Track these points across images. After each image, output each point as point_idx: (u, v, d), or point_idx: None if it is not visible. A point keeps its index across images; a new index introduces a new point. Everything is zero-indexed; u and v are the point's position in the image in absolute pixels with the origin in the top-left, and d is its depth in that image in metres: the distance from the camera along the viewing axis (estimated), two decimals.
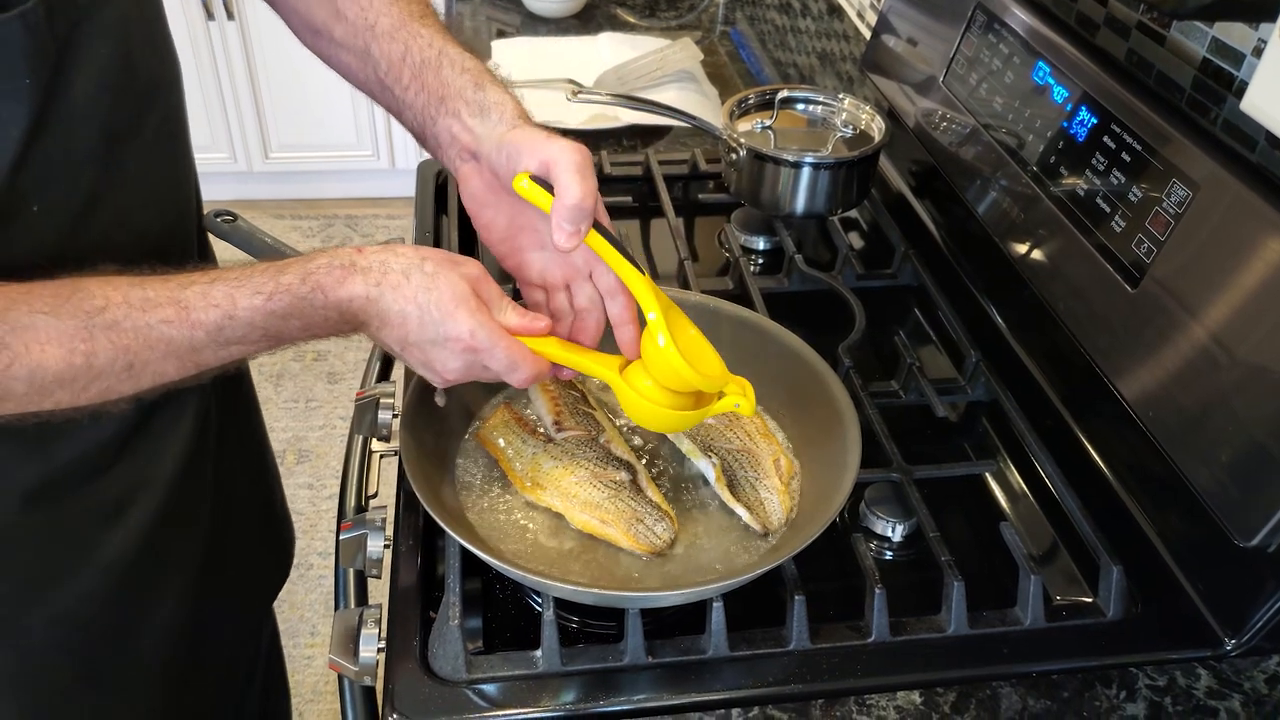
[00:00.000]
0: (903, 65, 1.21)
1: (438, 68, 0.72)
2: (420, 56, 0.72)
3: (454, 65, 0.72)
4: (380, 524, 0.78)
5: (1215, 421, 0.70)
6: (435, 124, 0.72)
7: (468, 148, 0.72)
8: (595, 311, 0.74)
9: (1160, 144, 0.78)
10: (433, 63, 0.72)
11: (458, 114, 0.71)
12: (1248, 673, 0.70)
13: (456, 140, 0.72)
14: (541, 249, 0.74)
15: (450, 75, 0.72)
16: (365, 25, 0.74)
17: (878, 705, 0.67)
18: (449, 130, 0.72)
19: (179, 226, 0.79)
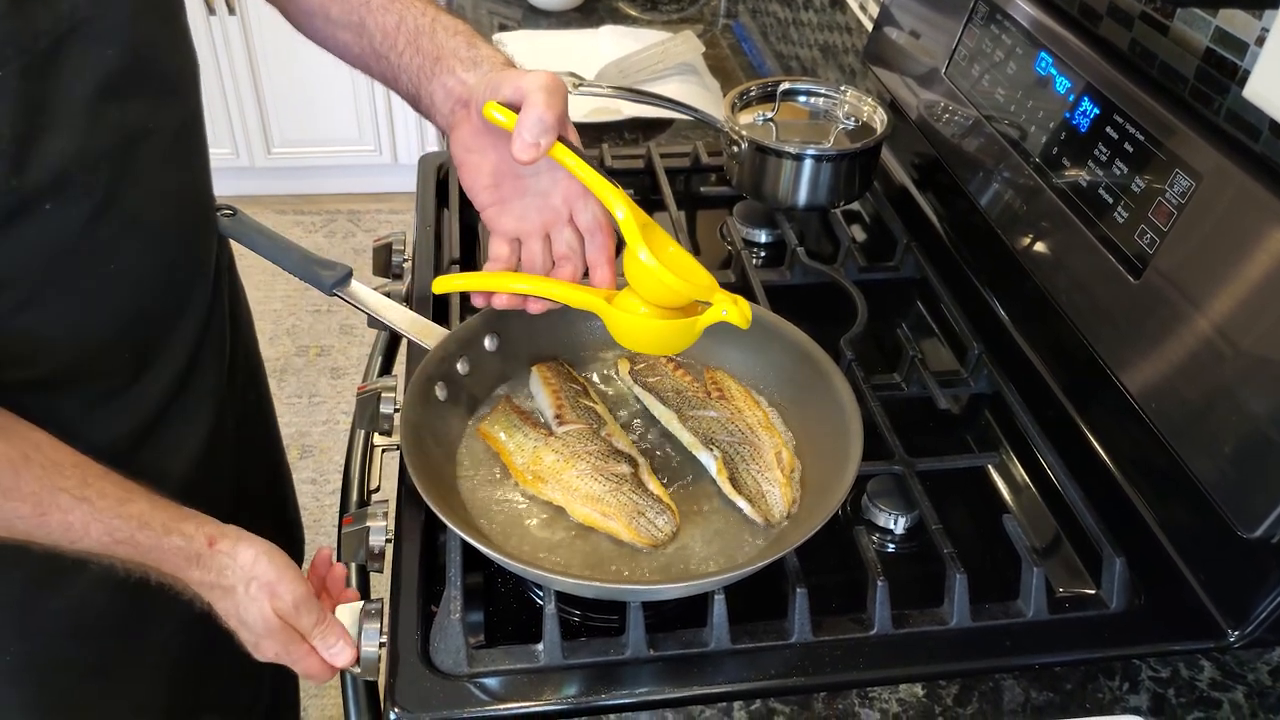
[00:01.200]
0: (905, 57, 1.21)
1: (432, 33, 0.75)
2: (414, 23, 0.75)
3: (447, 29, 0.75)
4: (382, 518, 0.78)
5: (1218, 413, 0.70)
6: (431, 82, 0.74)
7: (460, 99, 0.73)
8: (573, 259, 0.76)
9: (1163, 134, 0.78)
10: (426, 29, 0.75)
11: (452, 70, 0.73)
12: (1251, 664, 0.70)
13: (451, 94, 0.74)
14: (523, 196, 0.75)
15: (444, 38, 0.74)
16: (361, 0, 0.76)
17: (880, 698, 0.67)
18: (444, 86, 0.74)
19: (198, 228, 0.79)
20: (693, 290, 0.71)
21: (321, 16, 0.79)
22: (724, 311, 0.72)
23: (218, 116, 2.82)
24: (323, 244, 2.93)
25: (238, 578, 0.68)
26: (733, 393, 0.84)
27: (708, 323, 0.73)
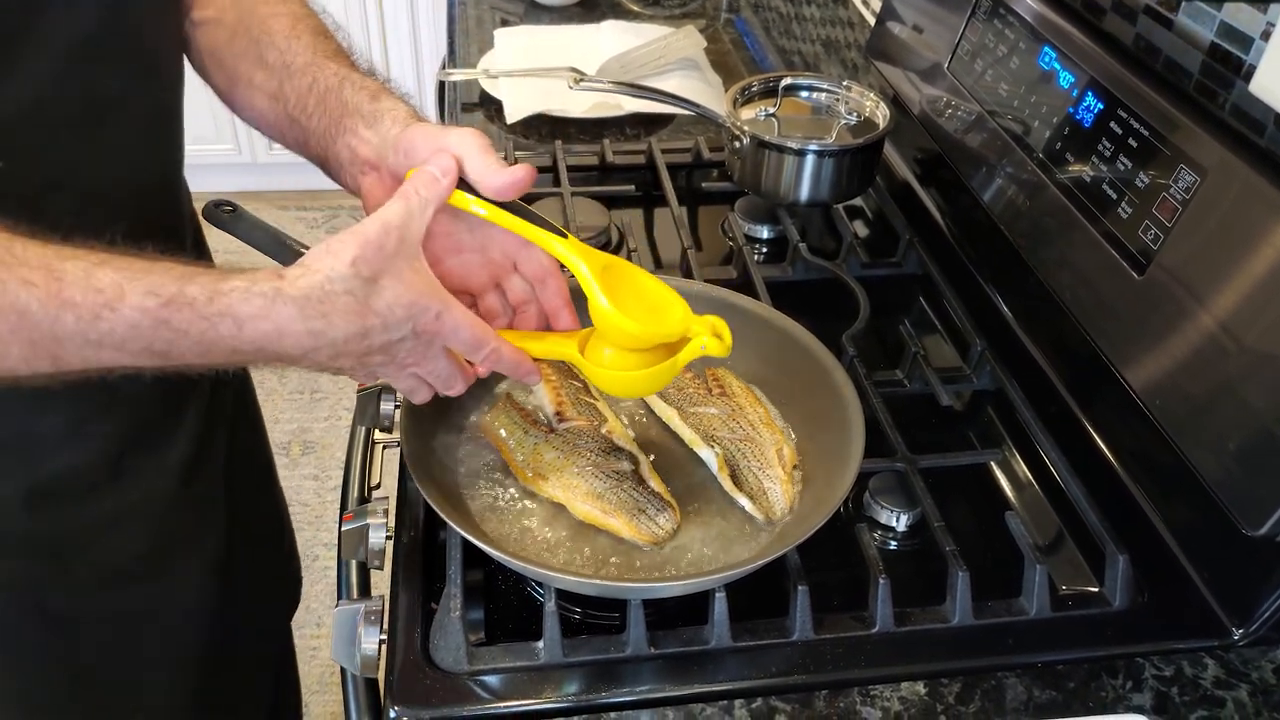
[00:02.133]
0: (908, 52, 1.20)
1: (339, 91, 0.71)
2: (324, 85, 0.72)
3: (353, 85, 0.71)
4: (382, 515, 0.78)
5: (1223, 409, 0.69)
6: (335, 143, 0.70)
7: (367, 161, 0.69)
8: (532, 303, 0.72)
9: (1167, 129, 0.77)
10: (335, 88, 0.71)
11: (354, 130, 0.69)
12: (1255, 663, 0.70)
13: (356, 155, 0.69)
14: (459, 254, 0.70)
15: (349, 94, 0.71)
16: (282, 65, 0.74)
17: (882, 696, 0.67)
18: (348, 147, 0.70)
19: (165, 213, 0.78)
20: (664, 333, 0.67)
21: (245, 82, 0.76)
22: (703, 346, 0.68)
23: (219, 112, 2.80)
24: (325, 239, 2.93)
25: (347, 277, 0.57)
26: (734, 389, 0.83)
27: (688, 359, 0.70)
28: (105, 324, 0.53)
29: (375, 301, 0.58)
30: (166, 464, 0.78)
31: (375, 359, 0.61)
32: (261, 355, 0.57)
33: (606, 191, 1.21)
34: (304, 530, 2.09)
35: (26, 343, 0.52)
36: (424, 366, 0.64)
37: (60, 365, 0.54)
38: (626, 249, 1.07)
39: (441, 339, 0.62)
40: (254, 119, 0.77)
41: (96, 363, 0.54)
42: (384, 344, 0.60)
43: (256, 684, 1.01)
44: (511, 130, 1.37)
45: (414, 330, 0.61)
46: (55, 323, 0.52)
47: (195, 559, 0.84)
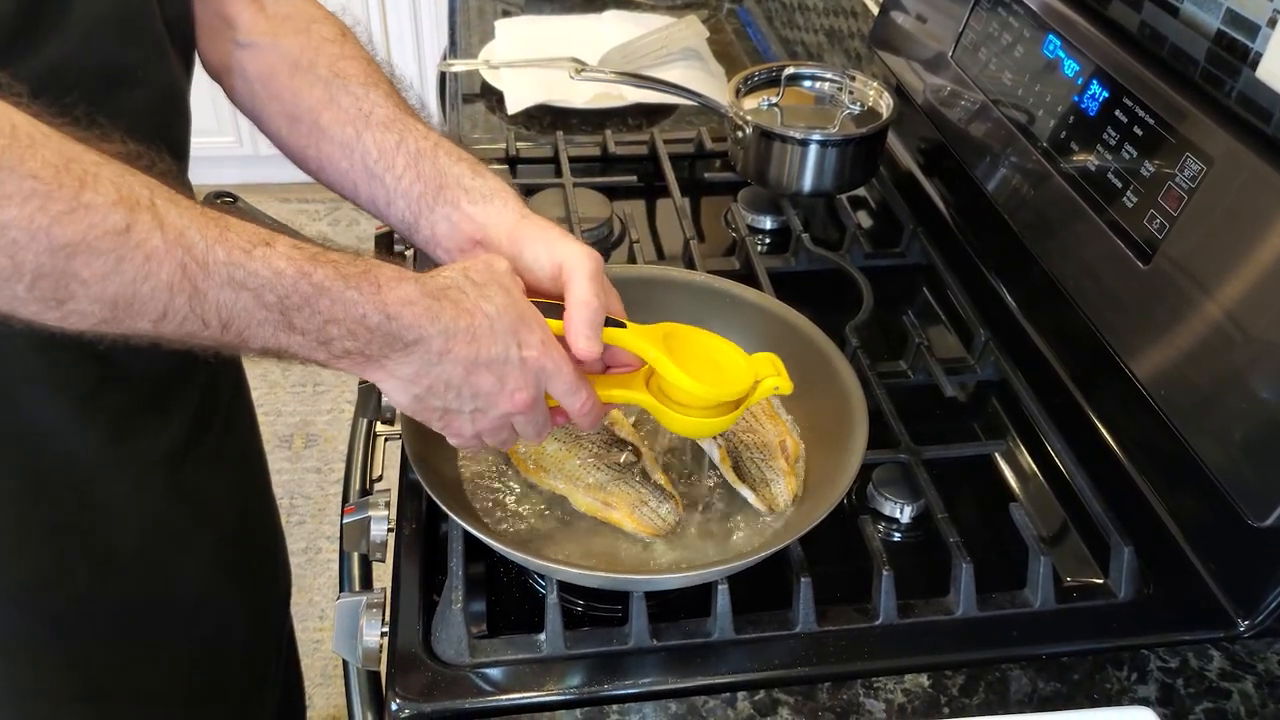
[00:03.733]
0: (911, 41, 1.19)
1: (434, 157, 0.70)
2: (416, 146, 0.70)
3: (450, 154, 0.70)
4: (383, 508, 0.78)
5: (1229, 400, 0.69)
6: (433, 212, 0.69)
7: (471, 237, 0.69)
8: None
9: (1173, 118, 0.77)
10: (429, 152, 0.70)
11: (457, 203, 0.69)
12: (1261, 654, 0.69)
13: (458, 229, 0.69)
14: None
15: (447, 163, 0.70)
16: (360, 113, 0.71)
17: (885, 688, 0.66)
18: (448, 219, 0.69)
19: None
20: (738, 391, 0.68)
21: (309, 122, 0.72)
22: (775, 387, 0.70)
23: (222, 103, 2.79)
24: (326, 232, 2.93)
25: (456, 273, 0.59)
26: None
27: (758, 400, 0.71)
28: (254, 263, 0.52)
29: (484, 304, 0.59)
30: (160, 450, 0.78)
31: (484, 380, 0.60)
32: (381, 331, 0.56)
33: (608, 182, 1.20)
34: (307, 523, 2.10)
35: (178, 265, 0.51)
36: (529, 411, 0.63)
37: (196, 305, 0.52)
38: (629, 240, 1.06)
39: (546, 375, 0.62)
40: (315, 161, 0.74)
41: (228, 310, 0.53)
42: (491, 359, 0.60)
43: (259, 676, 1.01)
44: (513, 121, 1.36)
45: (521, 354, 0.61)
46: (209, 250, 0.51)
47: (188, 552, 0.84)
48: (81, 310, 0.50)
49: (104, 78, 0.64)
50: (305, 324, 0.55)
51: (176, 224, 0.51)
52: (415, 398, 0.61)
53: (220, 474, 0.87)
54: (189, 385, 0.81)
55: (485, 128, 1.37)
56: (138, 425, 0.75)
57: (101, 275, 0.49)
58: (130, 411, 0.75)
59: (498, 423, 0.64)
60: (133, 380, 0.74)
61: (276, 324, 0.54)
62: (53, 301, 0.49)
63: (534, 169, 1.25)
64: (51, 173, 0.47)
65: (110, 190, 0.49)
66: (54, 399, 0.69)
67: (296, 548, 2.02)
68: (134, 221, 0.49)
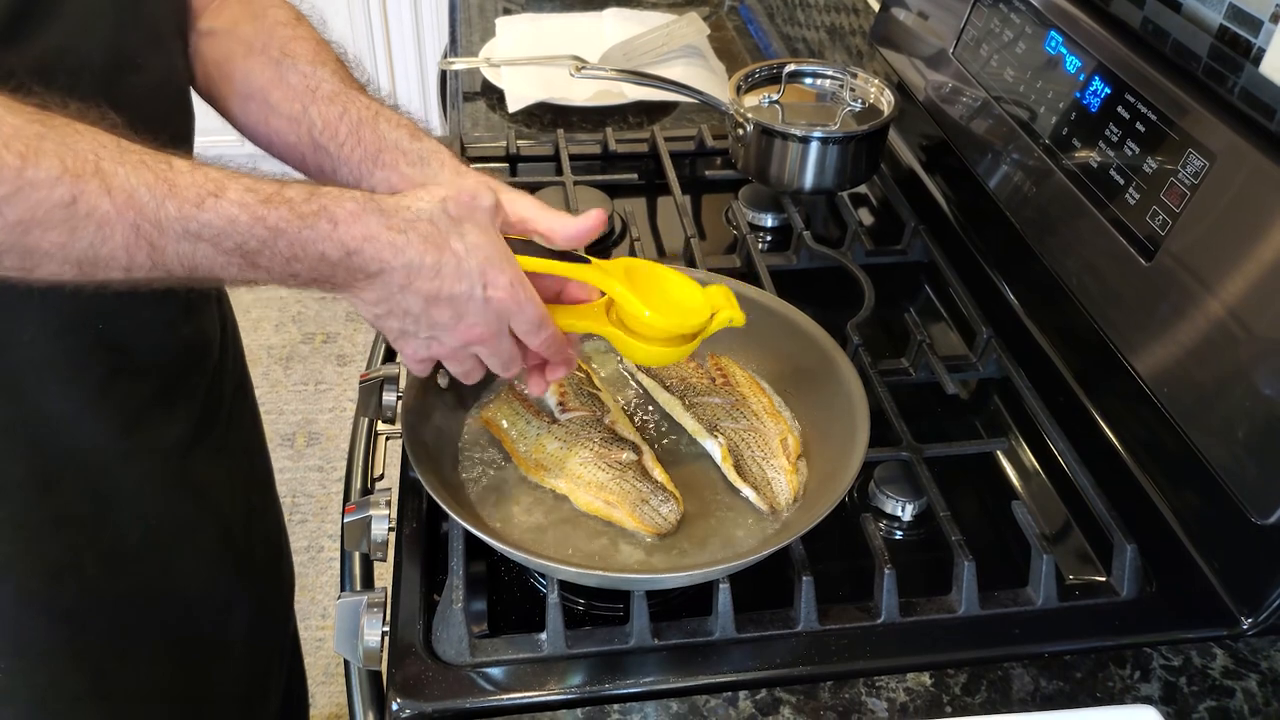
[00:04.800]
0: (913, 38, 1.19)
1: (374, 124, 0.72)
2: (358, 115, 0.72)
3: (388, 120, 0.72)
4: (384, 507, 0.78)
5: (1232, 397, 0.68)
6: (373, 176, 0.72)
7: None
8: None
9: (1176, 114, 0.76)
10: (369, 120, 0.72)
11: (395, 165, 0.71)
12: (1264, 652, 0.69)
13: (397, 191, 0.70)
14: None
15: (385, 129, 0.72)
16: (307, 89, 0.73)
17: (887, 687, 0.66)
18: (387, 181, 0.71)
19: None
20: (696, 323, 0.71)
21: (260, 100, 0.75)
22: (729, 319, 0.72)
23: None
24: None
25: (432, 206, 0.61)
26: (737, 379, 0.83)
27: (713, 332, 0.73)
28: (206, 214, 0.54)
29: (455, 241, 0.61)
30: (166, 443, 0.78)
31: (443, 313, 0.62)
32: (344, 265, 0.58)
33: (609, 180, 1.20)
34: (309, 522, 2.10)
35: (131, 226, 0.52)
36: (489, 343, 0.65)
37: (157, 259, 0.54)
38: (630, 238, 1.06)
39: (509, 314, 0.64)
40: (265, 136, 0.76)
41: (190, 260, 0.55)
42: (453, 295, 0.61)
43: (263, 673, 1.01)
44: (514, 119, 1.36)
45: (485, 294, 0.62)
46: (160, 207, 0.53)
47: (193, 545, 0.84)
48: (54, 272, 0.53)
49: (106, 64, 0.65)
50: (269, 263, 0.57)
51: (124, 185, 0.52)
52: (375, 316, 0.63)
53: (225, 468, 0.87)
54: (195, 379, 0.81)
55: (486, 125, 1.37)
56: (146, 417, 0.76)
57: (60, 245, 0.51)
58: (138, 404, 0.75)
59: (454, 351, 0.66)
60: (141, 372, 0.75)
61: (240, 265, 0.56)
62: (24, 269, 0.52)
63: (535, 167, 1.25)
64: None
65: (54, 164, 0.50)
66: (65, 389, 0.70)
67: (299, 546, 2.02)
68: (80, 192, 0.51)
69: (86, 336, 0.70)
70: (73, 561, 0.75)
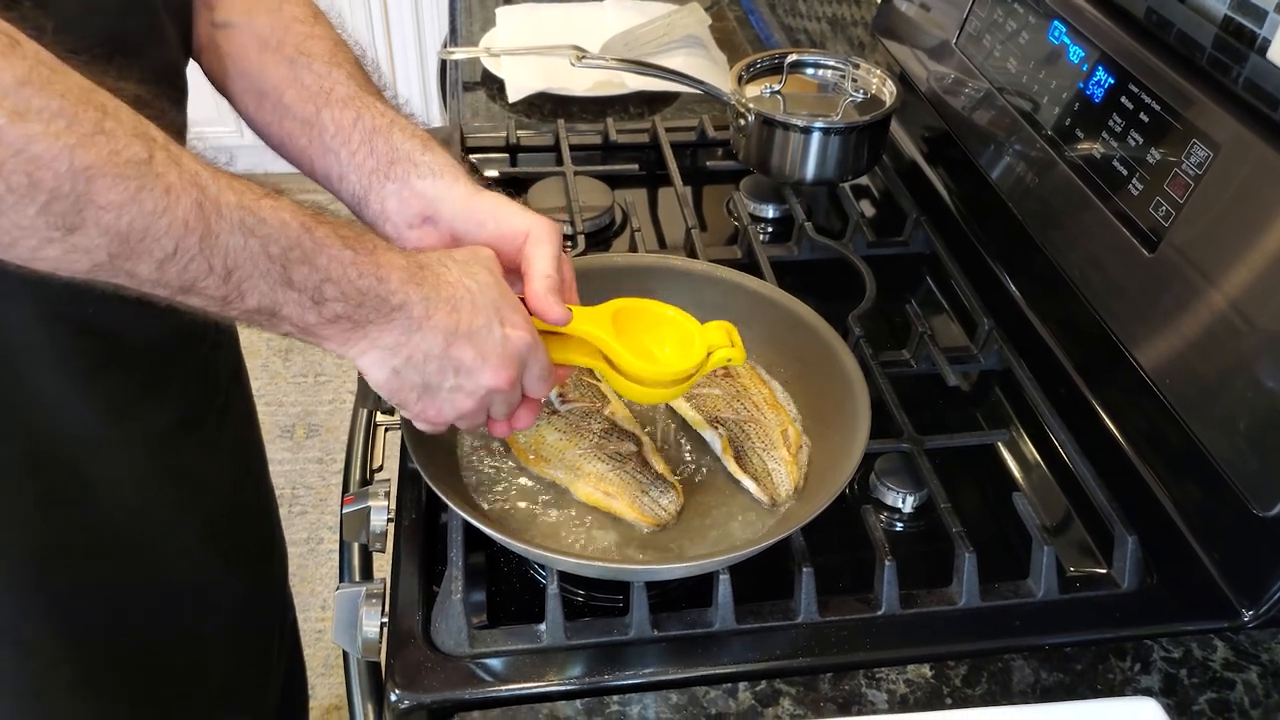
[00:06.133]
0: (915, 29, 1.18)
1: (388, 133, 0.71)
2: (372, 122, 0.71)
3: (404, 131, 0.71)
4: (383, 498, 0.78)
5: (1234, 389, 0.68)
6: (383, 187, 0.70)
7: (420, 212, 0.70)
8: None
9: (1180, 104, 0.76)
10: (384, 129, 0.71)
11: (406, 178, 0.70)
12: (1265, 644, 0.69)
13: (407, 205, 0.70)
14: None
15: (400, 139, 0.71)
16: (321, 91, 0.72)
17: (887, 679, 0.66)
18: (397, 195, 0.70)
19: None
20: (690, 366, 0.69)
21: (274, 99, 0.73)
22: (728, 359, 0.70)
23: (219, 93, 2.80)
24: None
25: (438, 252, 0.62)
26: (738, 370, 0.83)
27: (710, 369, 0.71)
28: (264, 211, 0.53)
29: (466, 279, 0.61)
30: (155, 431, 0.78)
31: (463, 352, 0.61)
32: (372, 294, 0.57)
33: (610, 171, 1.20)
34: (309, 513, 2.10)
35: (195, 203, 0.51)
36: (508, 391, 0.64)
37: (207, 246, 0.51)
38: (630, 229, 1.06)
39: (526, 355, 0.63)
40: (277, 138, 0.75)
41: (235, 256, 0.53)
42: (472, 330, 0.60)
43: (261, 664, 1.01)
44: (514, 109, 1.36)
45: (504, 331, 0.62)
46: (221, 193, 0.52)
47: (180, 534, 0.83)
48: (87, 244, 0.49)
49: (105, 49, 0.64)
50: (304, 280, 0.55)
51: (190, 165, 0.51)
52: (394, 371, 0.61)
53: (216, 459, 0.87)
54: (187, 368, 0.81)
55: (486, 115, 1.36)
56: (134, 404, 0.75)
57: (119, 203, 0.48)
58: (127, 390, 0.75)
59: (477, 402, 0.64)
60: (131, 359, 0.74)
61: (277, 277, 0.54)
62: (61, 229, 0.48)
63: (535, 157, 1.24)
64: (76, 96, 0.47)
65: (130, 122, 0.49)
66: (52, 374, 0.70)
67: (298, 538, 2.02)
68: (154, 154, 0.49)
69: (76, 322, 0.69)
70: (59, 546, 0.75)
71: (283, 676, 1.07)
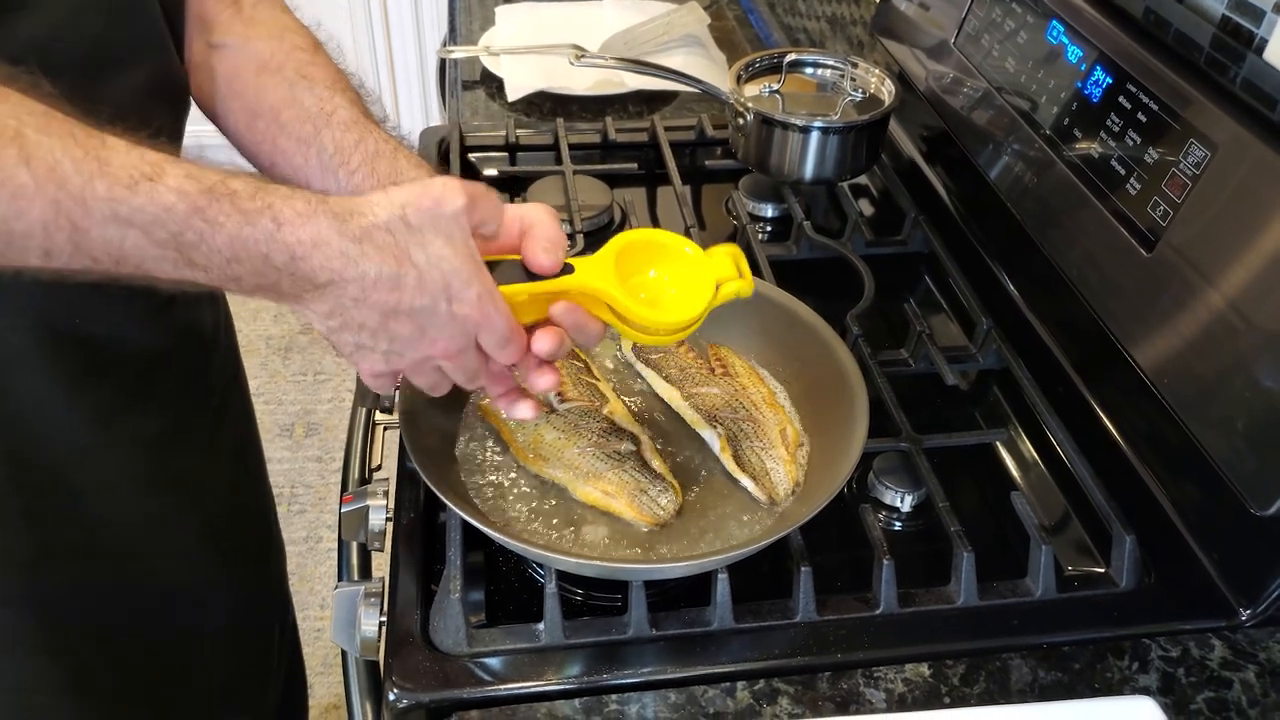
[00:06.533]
0: (913, 28, 1.18)
1: (393, 158, 0.69)
2: (375, 146, 0.70)
3: (409, 159, 0.70)
4: (382, 497, 0.78)
5: (1232, 388, 0.68)
6: None
7: None
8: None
9: (1178, 104, 0.76)
10: (387, 154, 0.70)
11: None
12: (1263, 643, 0.69)
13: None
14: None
15: (405, 165, 0.69)
16: (322, 113, 0.71)
17: (885, 678, 0.66)
18: None
19: None
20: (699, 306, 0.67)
21: (269, 118, 0.71)
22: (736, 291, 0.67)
23: None
24: None
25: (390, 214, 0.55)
26: (736, 369, 0.83)
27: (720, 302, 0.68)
28: (139, 199, 0.49)
29: (415, 253, 0.55)
30: (146, 436, 0.78)
31: (402, 327, 0.57)
32: (288, 271, 0.53)
33: (609, 170, 1.20)
34: (308, 512, 2.10)
35: (51, 203, 0.48)
36: (454, 358, 0.61)
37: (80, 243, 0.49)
38: (629, 227, 1.06)
39: (475, 329, 0.59)
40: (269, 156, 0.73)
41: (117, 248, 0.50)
42: (413, 309, 0.57)
43: (260, 663, 1.01)
44: (513, 108, 1.36)
45: (450, 309, 0.57)
46: (86, 185, 0.48)
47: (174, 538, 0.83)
48: None
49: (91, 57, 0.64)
50: (206, 261, 0.52)
51: (48, 158, 0.48)
52: (329, 329, 0.59)
53: (212, 461, 0.87)
54: (180, 372, 0.81)
55: (485, 114, 1.37)
56: (124, 410, 0.75)
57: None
58: (116, 396, 0.74)
59: (415, 365, 0.61)
60: (120, 365, 0.74)
61: (175, 260, 0.51)
62: None
63: (534, 156, 1.24)
64: None
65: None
66: (38, 381, 0.69)
67: (298, 537, 2.02)
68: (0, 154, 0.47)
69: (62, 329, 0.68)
70: (48, 552, 0.74)
71: (283, 677, 1.07)
